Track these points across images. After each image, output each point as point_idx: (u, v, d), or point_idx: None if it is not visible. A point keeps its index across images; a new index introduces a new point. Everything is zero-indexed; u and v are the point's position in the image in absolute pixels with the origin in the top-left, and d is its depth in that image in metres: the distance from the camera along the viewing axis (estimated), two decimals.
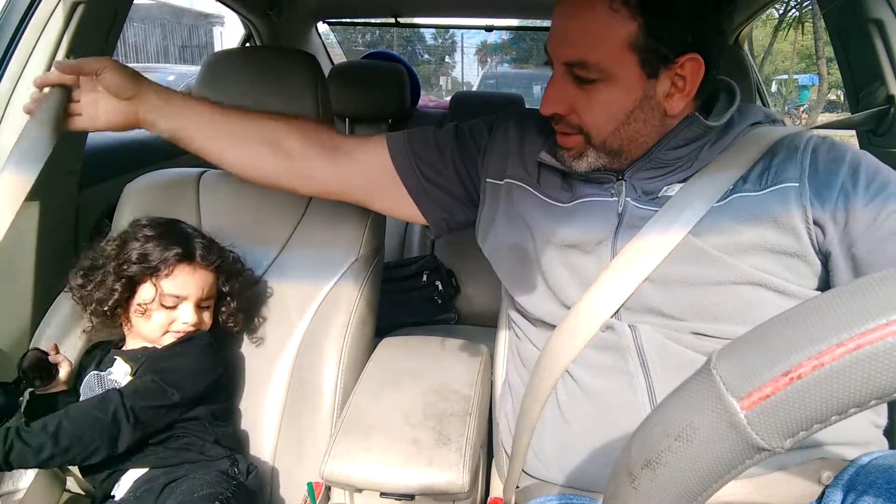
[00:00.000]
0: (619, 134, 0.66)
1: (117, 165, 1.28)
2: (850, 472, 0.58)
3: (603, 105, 0.64)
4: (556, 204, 0.73)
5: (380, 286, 1.00)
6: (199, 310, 0.83)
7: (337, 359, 0.90)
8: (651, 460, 0.28)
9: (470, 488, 0.65)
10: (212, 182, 1.04)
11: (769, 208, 0.62)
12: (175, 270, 0.80)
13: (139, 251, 0.79)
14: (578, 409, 0.67)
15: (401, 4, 2.08)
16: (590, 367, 0.67)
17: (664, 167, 0.69)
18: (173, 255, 0.79)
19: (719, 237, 0.63)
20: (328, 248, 0.97)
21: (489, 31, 2.74)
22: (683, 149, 0.67)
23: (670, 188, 0.68)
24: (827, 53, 7.64)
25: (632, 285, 0.65)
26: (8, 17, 0.87)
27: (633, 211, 0.68)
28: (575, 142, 0.68)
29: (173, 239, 0.81)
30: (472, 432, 0.71)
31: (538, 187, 0.75)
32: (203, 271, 0.83)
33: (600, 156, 0.68)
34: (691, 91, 0.64)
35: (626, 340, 0.65)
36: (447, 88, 17.53)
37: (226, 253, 0.88)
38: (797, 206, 0.62)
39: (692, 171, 0.67)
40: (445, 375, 0.81)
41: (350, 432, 0.71)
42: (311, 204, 1.00)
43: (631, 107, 0.64)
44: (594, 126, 0.66)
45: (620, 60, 0.62)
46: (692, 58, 0.62)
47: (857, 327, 0.23)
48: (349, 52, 4.47)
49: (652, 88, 0.64)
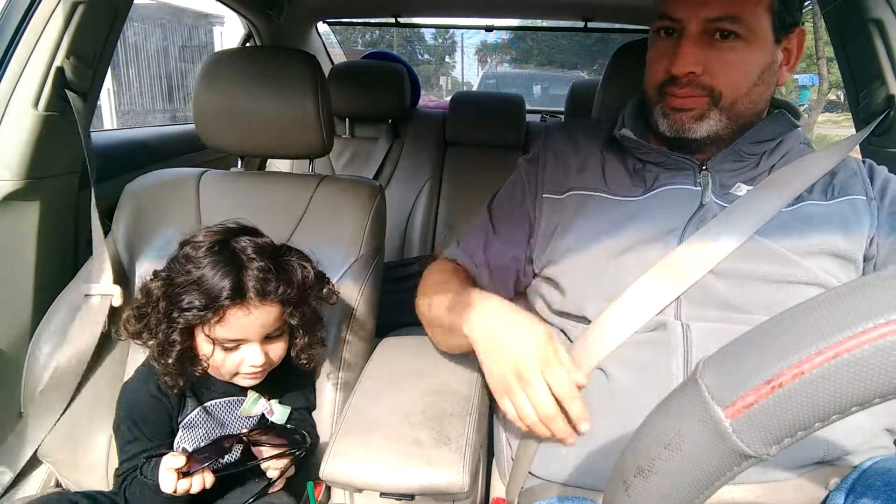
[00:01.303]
0: (749, 95, 0.68)
1: (117, 165, 1.28)
2: (853, 477, 0.58)
3: (739, 63, 0.67)
4: (629, 199, 0.73)
5: (380, 286, 1.00)
6: (268, 345, 0.73)
7: (337, 359, 0.90)
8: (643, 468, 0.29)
9: (470, 488, 0.65)
10: (212, 182, 1.03)
11: (841, 217, 0.67)
12: (227, 314, 0.67)
13: (185, 295, 0.66)
14: (608, 407, 0.65)
15: (401, 4, 2.08)
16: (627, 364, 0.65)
17: (742, 161, 0.72)
18: (223, 297, 0.66)
19: (789, 240, 0.65)
20: (328, 247, 0.97)
21: (489, 31, 2.74)
22: (764, 144, 0.71)
23: (739, 188, 0.70)
24: (827, 53, 7.62)
25: (693, 277, 0.65)
26: (8, 17, 0.87)
27: (711, 203, 0.70)
28: (699, 102, 0.68)
29: (222, 272, 0.66)
30: (472, 432, 0.71)
31: (606, 189, 0.75)
32: (263, 308, 0.69)
33: (721, 118, 0.69)
34: (794, 64, 0.71)
35: (675, 339, 0.64)
36: (447, 88, 17.52)
37: (291, 276, 0.71)
38: (866, 216, 0.67)
39: (759, 172, 0.71)
40: (445, 375, 0.80)
41: (350, 432, 0.71)
42: (311, 204, 1.00)
43: (763, 67, 0.68)
44: (728, 85, 0.67)
45: (760, 19, 0.66)
46: (801, 30, 0.69)
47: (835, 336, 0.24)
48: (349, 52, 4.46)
49: (776, 54, 0.69)
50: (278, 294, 0.69)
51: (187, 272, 0.67)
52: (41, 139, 0.91)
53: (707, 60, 0.66)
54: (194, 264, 0.67)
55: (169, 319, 0.67)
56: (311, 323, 0.75)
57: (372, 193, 1.02)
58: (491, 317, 0.66)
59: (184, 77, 8.70)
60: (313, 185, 1.02)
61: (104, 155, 1.27)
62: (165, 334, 0.68)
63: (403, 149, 2.00)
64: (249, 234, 0.73)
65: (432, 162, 1.98)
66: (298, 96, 0.97)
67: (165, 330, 0.68)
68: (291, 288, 0.70)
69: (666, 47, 0.70)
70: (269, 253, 0.71)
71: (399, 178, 1.97)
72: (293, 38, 2.08)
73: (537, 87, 6.31)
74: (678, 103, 0.69)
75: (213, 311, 0.66)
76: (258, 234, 0.74)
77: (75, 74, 0.92)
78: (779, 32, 0.68)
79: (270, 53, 1.09)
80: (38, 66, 0.89)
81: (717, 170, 0.72)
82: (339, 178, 1.08)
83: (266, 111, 0.98)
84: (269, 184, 1.05)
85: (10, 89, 0.89)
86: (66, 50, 0.90)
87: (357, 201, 1.00)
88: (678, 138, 0.71)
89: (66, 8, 0.87)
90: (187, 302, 0.66)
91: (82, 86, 0.95)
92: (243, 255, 0.69)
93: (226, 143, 1.02)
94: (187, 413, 0.75)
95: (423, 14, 2.55)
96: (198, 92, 0.98)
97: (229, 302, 0.66)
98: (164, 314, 0.68)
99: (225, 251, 0.68)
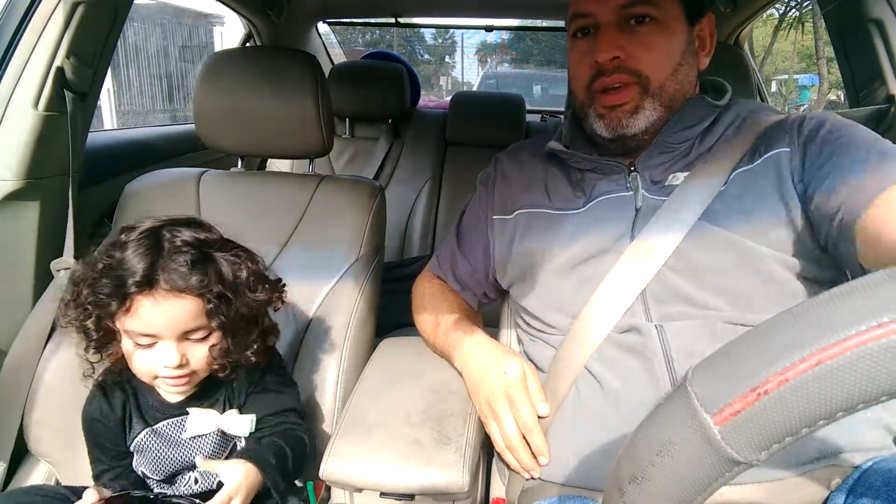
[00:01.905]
0: (676, 76, 0.69)
1: (117, 165, 1.28)
2: (854, 477, 0.58)
3: (660, 45, 0.68)
4: (571, 212, 0.74)
5: (380, 286, 1.00)
6: (187, 345, 0.65)
7: (337, 359, 0.90)
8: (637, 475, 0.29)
9: (470, 488, 0.65)
10: (212, 182, 1.04)
11: (767, 178, 0.64)
12: (134, 304, 0.61)
13: (99, 280, 0.62)
14: (599, 410, 0.66)
15: (401, 4, 2.08)
16: (614, 369, 0.66)
17: (670, 151, 0.71)
18: (130, 284, 0.60)
19: (732, 219, 0.64)
20: (328, 247, 0.97)
21: (489, 31, 2.74)
22: (689, 130, 0.70)
23: (675, 177, 0.70)
24: (827, 53, 7.63)
25: (648, 274, 0.65)
26: (8, 17, 0.87)
27: (648, 202, 0.69)
28: (631, 94, 0.69)
29: (138, 259, 0.61)
30: (472, 432, 0.71)
31: (550, 205, 0.76)
32: (174, 300, 0.62)
33: (655, 106, 0.69)
34: (711, 49, 0.73)
35: (652, 343, 0.65)
36: (447, 88, 17.52)
37: (220, 269, 0.65)
38: (787, 167, 0.63)
39: (693, 158, 0.70)
40: (445, 375, 0.80)
41: (350, 432, 0.71)
42: (311, 204, 1.00)
43: (682, 48, 0.69)
44: (653, 67, 0.68)
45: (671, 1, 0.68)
46: (710, 17, 0.72)
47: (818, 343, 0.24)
48: (349, 52, 4.47)
49: (692, 35, 0.70)
50: (191, 287, 0.62)
51: (110, 256, 0.63)
52: (41, 139, 0.91)
53: (628, 45, 0.67)
54: (119, 249, 0.63)
55: (85, 305, 0.63)
56: (237, 327, 0.67)
57: (372, 193, 1.02)
58: (472, 353, 0.76)
59: (184, 77, 8.70)
60: (313, 185, 1.02)
61: (105, 155, 1.27)
62: (82, 322, 0.63)
63: (403, 149, 2.00)
64: (195, 227, 0.67)
65: (432, 162, 1.98)
66: (298, 96, 0.97)
67: (81, 317, 0.63)
68: (211, 283, 0.63)
69: (585, 45, 0.71)
70: (201, 246, 0.65)
71: (399, 178, 1.97)
72: (293, 38, 2.08)
73: (537, 87, 6.31)
74: (610, 99, 0.69)
75: (119, 298, 0.60)
76: (206, 230, 0.69)
77: (75, 74, 0.92)
78: (691, 16, 0.70)
79: (270, 53, 1.09)
80: (38, 66, 0.89)
81: (647, 166, 0.72)
82: (339, 178, 1.08)
83: (266, 111, 0.98)
84: (269, 184, 1.05)
85: (10, 89, 0.89)
86: (66, 50, 0.90)
87: (357, 201, 1.00)
88: (617, 138, 0.71)
89: (66, 8, 0.87)
90: (99, 287, 0.61)
91: (82, 86, 0.95)
92: (169, 244, 0.63)
93: (226, 143, 1.02)
94: (135, 436, 0.70)
95: (423, 14, 2.55)
96: (198, 92, 0.98)
97: (136, 290, 0.60)
98: (83, 300, 0.63)
99: (152, 238, 0.63)
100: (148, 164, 1.35)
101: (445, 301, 0.88)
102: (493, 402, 0.70)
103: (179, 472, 0.73)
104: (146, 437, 0.70)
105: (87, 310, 0.62)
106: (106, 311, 0.62)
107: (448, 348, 0.81)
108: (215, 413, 0.71)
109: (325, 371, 0.89)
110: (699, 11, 0.71)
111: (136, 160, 1.38)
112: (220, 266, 0.66)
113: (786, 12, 8.94)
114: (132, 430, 0.71)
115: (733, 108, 0.73)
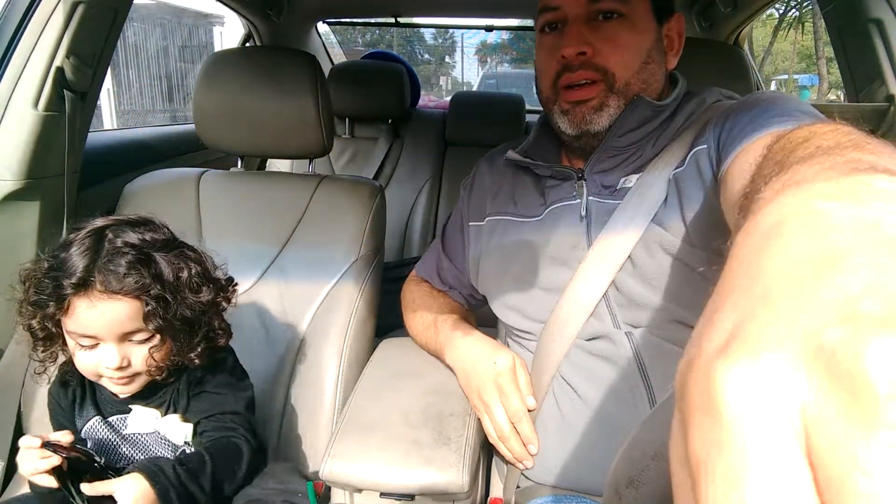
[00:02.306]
0: (641, 74, 0.68)
1: (117, 165, 1.28)
2: None
3: (626, 42, 0.67)
4: (531, 220, 0.74)
5: (380, 286, 1.00)
6: (128, 347, 0.64)
7: (337, 359, 0.90)
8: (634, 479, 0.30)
9: (470, 488, 0.65)
10: (212, 182, 1.04)
11: (693, 179, 0.62)
12: (71, 306, 0.61)
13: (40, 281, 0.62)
14: (580, 416, 0.67)
15: (401, 4, 2.08)
16: (590, 378, 0.67)
17: (619, 154, 0.70)
18: (66, 286, 0.60)
19: (673, 223, 0.62)
20: (328, 247, 0.97)
21: (489, 31, 2.74)
22: (636, 132, 0.68)
23: (627, 179, 0.69)
24: (827, 53, 7.64)
25: (606, 279, 0.65)
26: (8, 17, 0.87)
27: (597, 207, 0.69)
28: (596, 90, 0.67)
29: (76, 260, 0.61)
30: (472, 432, 0.71)
31: (515, 211, 0.77)
32: (110, 302, 0.61)
33: (620, 105, 0.68)
34: (679, 49, 0.72)
35: (624, 350, 0.65)
36: (447, 88, 17.54)
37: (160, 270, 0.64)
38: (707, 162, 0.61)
39: (646, 160, 0.68)
40: (445, 375, 0.80)
41: (350, 432, 0.71)
42: (311, 204, 1.00)
43: (649, 46, 0.68)
44: (619, 64, 0.67)
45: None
46: (679, 16, 0.72)
47: None
48: (349, 52, 4.47)
49: (660, 34, 0.69)
50: (126, 289, 0.61)
51: (54, 256, 0.63)
52: (41, 139, 0.91)
53: (595, 41, 0.66)
54: (64, 248, 0.63)
55: (28, 305, 0.63)
56: (178, 330, 0.66)
57: (372, 193, 1.02)
58: (463, 349, 0.77)
59: (184, 77, 8.71)
60: (313, 185, 1.02)
61: (105, 155, 1.27)
62: (27, 321, 0.63)
63: (403, 149, 2.00)
64: (141, 228, 0.67)
65: (432, 162, 1.98)
66: (298, 96, 0.97)
67: (27, 316, 0.63)
68: (149, 285, 0.62)
69: (552, 40, 0.70)
70: (143, 247, 0.64)
71: (399, 178, 1.97)
72: (293, 38, 2.08)
73: None
74: (576, 95, 0.68)
75: (56, 300, 0.60)
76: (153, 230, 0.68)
77: (75, 74, 0.92)
78: (659, 13, 0.69)
79: (270, 53, 1.09)
80: (38, 66, 0.89)
81: (596, 171, 0.71)
82: (339, 178, 1.08)
83: (266, 111, 0.98)
84: (269, 184, 1.05)
85: (10, 89, 0.89)
86: (66, 50, 0.90)
87: (357, 201, 1.00)
88: (581, 134, 0.69)
89: (66, 8, 0.87)
90: (41, 288, 0.61)
91: (82, 86, 0.95)
92: (109, 244, 0.63)
93: (226, 143, 1.03)
94: (86, 422, 0.70)
95: (423, 14, 2.55)
96: (198, 92, 0.99)
97: (72, 291, 0.60)
98: (27, 299, 0.63)
99: (94, 239, 0.63)
100: (148, 164, 1.34)
101: (435, 302, 0.89)
102: (483, 392, 0.71)
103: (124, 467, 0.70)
104: (96, 424, 0.71)
105: (30, 310, 0.63)
106: (45, 313, 0.61)
107: (439, 346, 0.82)
108: (156, 414, 0.70)
109: (325, 371, 0.89)
110: (668, 10, 0.70)
111: (136, 160, 1.37)
112: (161, 267, 0.65)
113: (786, 12, 8.95)
114: (84, 415, 0.71)
115: (690, 104, 0.70)
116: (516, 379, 0.71)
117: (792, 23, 9.40)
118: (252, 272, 0.97)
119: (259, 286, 0.96)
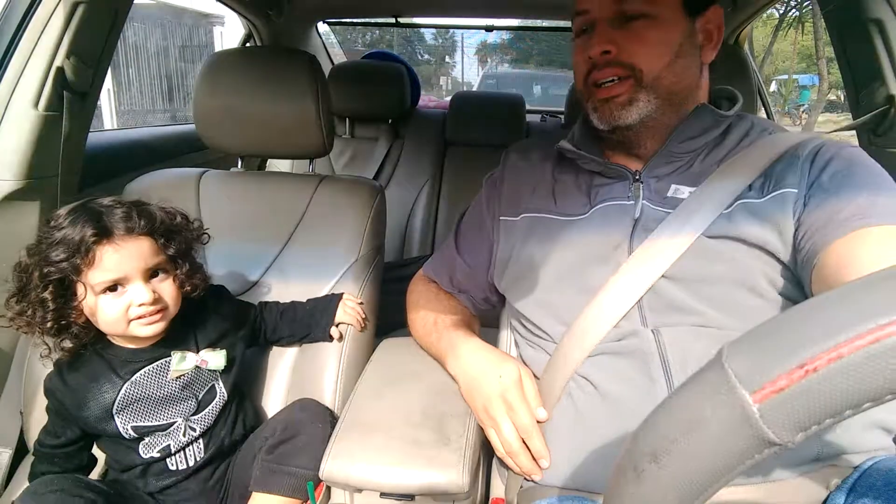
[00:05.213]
0: (672, 69, 0.68)
1: (117, 165, 1.28)
2: (854, 477, 0.58)
3: (653, 39, 0.68)
4: (575, 218, 0.74)
5: (380, 286, 1.00)
6: (155, 283, 0.72)
7: (337, 359, 0.90)
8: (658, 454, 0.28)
9: (470, 488, 0.65)
10: (212, 182, 1.04)
11: (771, 215, 0.63)
12: (97, 255, 0.67)
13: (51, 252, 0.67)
14: (596, 414, 0.66)
15: (401, 4, 2.08)
16: (610, 373, 0.66)
17: (675, 161, 0.71)
18: (89, 237, 0.66)
19: (731, 239, 0.64)
20: (328, 248, 0.97)
21: (489, 31, 2.74)
22: (696, 140, 0.70)
23: (679, 189, 0.69)
24: (827, 53, 7.63)
25: (646, 284, 0.65)
26: (8, 17, 0.87)
27: (648, 213, 0.69)
28: (625, 87, 0.68)
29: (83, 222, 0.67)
30: (472, 432, 0.71)
31: (555, 209, 0.76)
32: (132, 242, 0.69)
33: (651, 99, 0.68)
34: (718, 42, 0.71)
35: (648, 346, 0.65)
36: (447, 88, 17.52)
37: (154, 212, 0.73)
38: (790, 210, 0.63)
39: (700, 171, 0.69)
40: (445, 376, 0.80)
41: (350, 432, 0.71)
42: (311, 204, 1.00)
43: (679, 40, 0.68)
44: (646, 60, 0.67)
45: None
46: (716, 8, 0.70)
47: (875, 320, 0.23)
48: (349, 52, 4.47)
49: (692, 27, 0.69)
50: (143, 227, 0.70)
51: (50, 235, 0.68)
52: (41, 139, 0.91)
53: (621, 40, 0.67)
54: (55, 229, 0.68)
55: (41, 276, 0.67)
56: (186, 252, 0.76)
57: (372, 193, 1.02)
58: (466, 359, 0.76)
59: (184, 77, 8.70)
60: (313, 185, 1.02)
61: (105, 155, 1.27)
62: (39, 294, 0.67)
63: (403, 149, 2.00)
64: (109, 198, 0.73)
65: (432, 162, 1.98)
66: (298, 96, 0.97)
67: (39, 290, 0.67)
68: (156, 222, 0.72)
69: (583, 42, 0.72)
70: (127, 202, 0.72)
71: (399, 178, 1.97)
72: (293, 38, 2.08)
73: (537, 87, 6.31)
74: (605, 92, 0.70)
75: (81, 254, 0.66)
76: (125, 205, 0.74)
77: (75, 74, 0.92)
78: (692, 7, 0.69)
79: (270, 53, 1.09)
80: (38, 66, 0.89)
81: (652, 175, 0.71)
82: (340, 178, 1.08)
83: (266, 111, 0.98)
84: (269, 184, 1.05)
85: (10, 89, 0.89)
86: (66, 50, 0.90)
87: (357, 201, 1.00)
88: (613, 129, 0.71)
89: (66, 8, 0.87)
90: (55, 255, 0.66)
91: (82, 86, 0.95)
92: (100, 206, 0.70)
93: (226, 143, 1.03)
94: (115, 396, 0.72)
95: (423, 14, 2.55)
96: (198, 92, 0.98)
97: (95, 240, 0.66)
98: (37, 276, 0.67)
99: (82, 209, 0.69)
100: (148, 164, 1.34)
101: (440, 304, 0.88)
102: (490, 407, 0.70)
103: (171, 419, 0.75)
104: (128, 390, 0.73)
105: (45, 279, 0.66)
106: (72, 266, 0.66)
107: (441, 353, 0.81)
108: (191, 352, 0.77)
109: (325, 371, 0.89)
110: (701, 4, 0.70)
111: (136, 160, 1.38)
112: (153, 211, 0.74)
113: (786, 12, 8.95)
114: (106, 393, 0.72)
115: (744, 122, 0.72)
116: (523, 392, 0.70)
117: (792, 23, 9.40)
118: (252, 272, 0.97)
119: (259, 286, 0.96)
